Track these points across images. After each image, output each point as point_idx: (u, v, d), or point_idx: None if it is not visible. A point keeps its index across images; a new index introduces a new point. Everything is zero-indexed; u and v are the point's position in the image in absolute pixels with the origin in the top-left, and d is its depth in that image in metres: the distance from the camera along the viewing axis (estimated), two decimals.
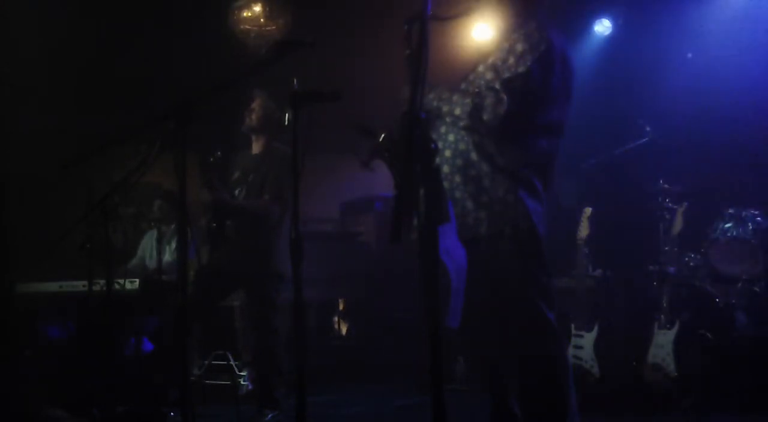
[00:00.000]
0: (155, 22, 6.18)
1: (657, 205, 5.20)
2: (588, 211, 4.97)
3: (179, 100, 2.61)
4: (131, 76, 6.41)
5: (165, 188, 5.39)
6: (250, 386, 5.37)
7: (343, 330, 7.40)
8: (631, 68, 6.48)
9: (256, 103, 4.65)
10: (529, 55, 2.80)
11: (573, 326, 4.87)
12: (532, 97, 2.81)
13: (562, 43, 2.91)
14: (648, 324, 4.77)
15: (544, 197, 2.91)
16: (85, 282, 3.99)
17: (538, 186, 2.89)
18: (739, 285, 4.98)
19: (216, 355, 5.61)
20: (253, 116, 4.64)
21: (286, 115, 2.72)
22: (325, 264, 6.22)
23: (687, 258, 5.18)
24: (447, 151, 2.91)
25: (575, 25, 6.50)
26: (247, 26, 6.44)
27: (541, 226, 2.87)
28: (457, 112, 2.86)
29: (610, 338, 4.89)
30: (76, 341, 4.81)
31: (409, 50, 2.30)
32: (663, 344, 4.63)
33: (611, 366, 4.78)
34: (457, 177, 2.88)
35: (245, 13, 6.45)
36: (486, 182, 2.84)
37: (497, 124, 2.77)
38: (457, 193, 2.88)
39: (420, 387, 5.31)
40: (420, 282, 2.00)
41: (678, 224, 4.90)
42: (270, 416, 4.39)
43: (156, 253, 5.48)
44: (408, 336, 5.88)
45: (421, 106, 1.99)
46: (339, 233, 7.48)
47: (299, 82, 2.68)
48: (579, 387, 2.94)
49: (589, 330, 4.82)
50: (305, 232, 2.75)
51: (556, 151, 2.96)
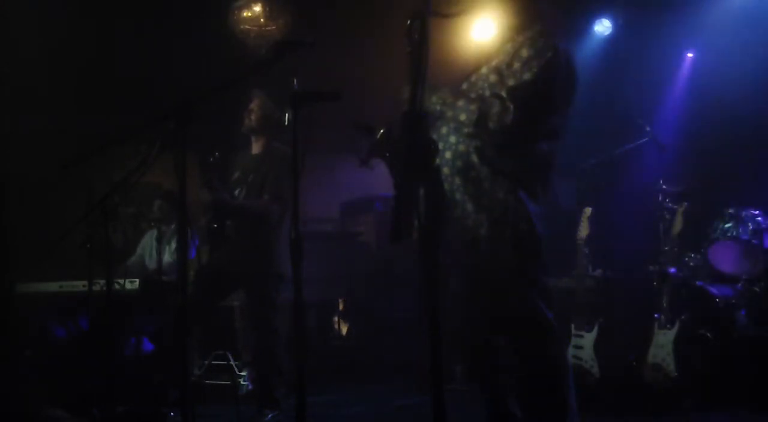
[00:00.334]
0: (155, 22, 6.18)
1: (657, 204, 5.20)
2: (588, 210, 4.97)
3: (179, 100, 2.61)
4: (131, 76, 6.41)
5: (165, 188, 5.39)
6: (250, 386, 5.37)
7: (343, 330, 7.39)
8: (631, 68, 6.49)
9: (255, 104, 4.64)
10: (534, 61, 2.78)
11: (573, 326, 4.87)
12: (537, 104, 2.80)
13: (567, 50, 2.90)
14: (648, 324, 4.77)
15: (543, 199, 2.91)
16: (85, 282, 3.98)
17: (538, 187, 2.89)
18: (739, 285, 4.98)
19: (216, 355, 5.61)
20: (253, 117, 4.64)
21: (286, 115, 2.72)
22: (325, 264, 6.21)
23: (687, 258, 5.18)
24: (447, 153, 2.90)
25: (575, 25, 6.50)
26: (247, 26, 6.45)
27: (540, 227, 2.87)
28: (462, 117, 2.84)
29: (610, 338, 4.90)
30: (76, 341, 4.80)
31: (410, 48, 2.30)
32: (663, 344, 4.63)
33: (611, 366, 4.78)
34: (458, 179, 2.87)
35: (245, 13, 6.46)
36: (486, 184, 2.84)
37: (503, 133, 2.76)
38: (458, 195, 2.87)
39: (420, 387, 5.31)
40: (420, 282, 2.00)
41: (678, 224, 4.90)
42: (270, 416, 4.39)
43: (156, 253, 5.48)
44: (408, 336, 5.88)
45: (423, 107, 1.99)
46: (339, 233, 7.48)
47: (299, 82, 2.68)
48: (579, 387, 2.94)
49: (589, 330, 4.82)
50: (305, 232, 2.75)
51: (556, 154, 2.96)
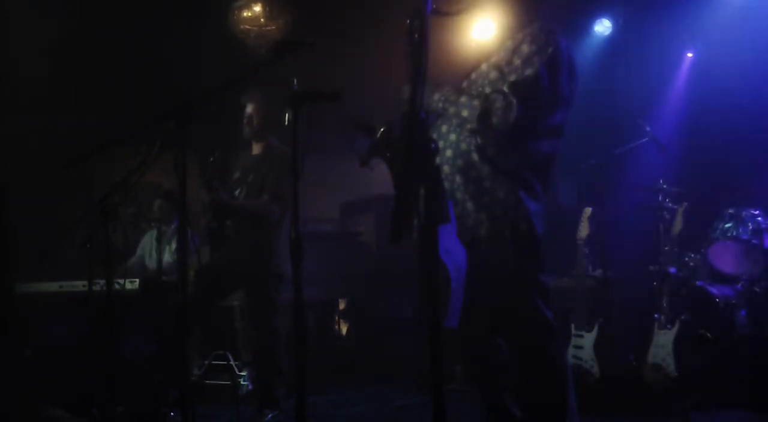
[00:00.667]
0: (155, 22, 6.18)
1: (657, 204, 5.20)
2: (588, 210, 4.97)
3: (179, 100, 2.61)
4: (131, 76, 6.41)
5: (165, 188, 5.39)
6: (250, 386, 5.37)
7: (343, 330, 7.40)
8: (631, 68, 6.49)
9: (252, 109, 4.61)
10: (536, 57, 2.78)
11: (573, 326, 4.87)
12: (540, 100, 2.79)
13: (567, 46, 2.90)
14: (648, 324, 4.78)
15: (543, 198, 2.91)
16: (85, 282, 3.98)
17: (538, 187, 2.89)
18: (739, 285, 4.98)
19: (216, 355, 5.61)
20: (254, 122, 4.61)
21: (287, 115, 2.71)
22: (325, 264, 6.21)
23: (687, 258, 5.18)
24: (448, 151, 2.90)
25: (575, 25, 6.50)
26: (247, 26, 6.45)
27: (540, 227, 2.87)
28: (465, 114, 2.82)
29: (610, 338, 4.90)
30: (76, 341, 4.80)
31: (410, 47, 2.30)
32: (663, 344, 4.63)
33: (611, 366, 4.78)
34: (458, 177, 2.87)
35: (245, 13, 6.46)
36: (487, 183, 2.83)
37: (507, 129, 2.76)
38: (458, 194, 2.87)
39: (420, 387, 5.31)
40: (420, 282, 2.00)
41: (678, 224, 4.90)
42: (270, 416, 4.39)
43: (156, 253, 5.48)
44: (408, 336, 5.88)
45: (423, 105, 1.98)
46: (339, 233, 7.48)
47: (299, 82, 2.68)
48: (579, 387, 2.94)
49: (589, 330, 4.82)
50: (305, 232, 2.75)
51: (557, 153, 2.96)
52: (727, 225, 5.16)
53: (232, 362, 5.55)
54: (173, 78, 6.18)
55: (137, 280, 4.94)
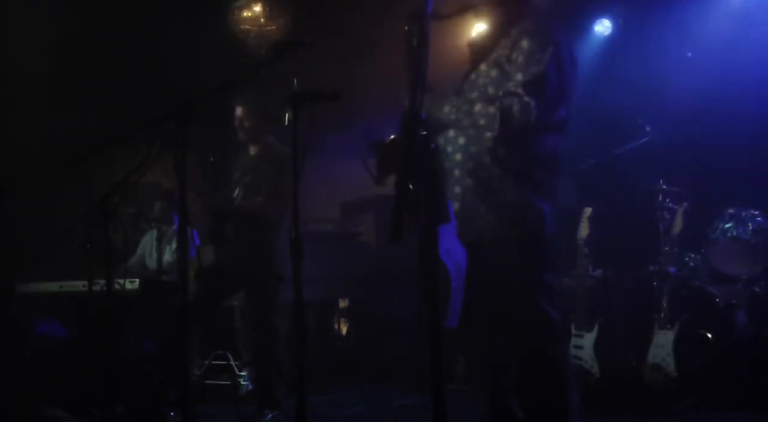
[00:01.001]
0: (155, 22, 6.18)
1: (657, 204, 5.20)
2: (588, 211, 4.97)
3: (179, 100, 2.61)
4: (131, 76, 6.41)
5: (165, 188, 5.39)
6: (250, 386, 5.37)
7: (343, 330, 7.40)
8: (631, 68, 6.48)
9: (241, 112, 4.60)
10: (540, 54, 2.75)
11: (573, 326, 4.87)
12: (552, 97, 2.78)
13: (566, 40, 2.89)
14: (648, 324, 4.77)
15: (551, 197, 2.90)
16: (85, 282, 3.98)
17: (546, 186, 2.88)
18: (739, 285, 4.98)
19: (216, 355, 5.61)
20: (245, 125, 4.61)
21: (287, 115, 2.72)
22: (325, 264, 6.21)
23: (687, 258, 5.17)
24: (457, 155, 2.87)
25: (575, 25, 6.50)
26: (247, 26, 6.45)
27: (548, 227, 2.86)
28: (482, 122, 2.76)
29: (610, 338, 4.90)
30: (76, 341, 4.80)
31: (409, 52, 2.30)
32: (663, 344, 4.62)
33: (611, 366, 4.78)
34: (469, 180, 2.85)
35: (245, 13, 6.46)
36: (495, 184, 2.81)
37: (526, 130, 2.73)
38: (468, 197, 2.85)
39: (420, 387, 5.31)
40: (420, 283, 2.00)
41: (678, 224, 4.89)
42: (270, 416, 4.39)
43: (156, 253, 5.48)
44: (408, 336, 5.88)
45: (422, 107, 1.98)
46: (339, 233, 7.48)
47: (299, 82, 2.68)
48: (579, 387, 2.94)
49: (589, 330, 4.82)
50: (305, 232, 2.76)
51: (561, 149, 2.95)
52: (727, 225, 5.16)
53: (232, 362, 5.55)
54: (173, 78, 6.18)
55: (137, 280, 4.94)
